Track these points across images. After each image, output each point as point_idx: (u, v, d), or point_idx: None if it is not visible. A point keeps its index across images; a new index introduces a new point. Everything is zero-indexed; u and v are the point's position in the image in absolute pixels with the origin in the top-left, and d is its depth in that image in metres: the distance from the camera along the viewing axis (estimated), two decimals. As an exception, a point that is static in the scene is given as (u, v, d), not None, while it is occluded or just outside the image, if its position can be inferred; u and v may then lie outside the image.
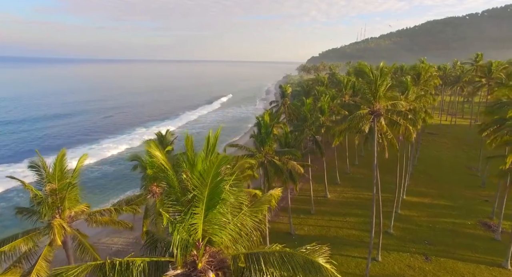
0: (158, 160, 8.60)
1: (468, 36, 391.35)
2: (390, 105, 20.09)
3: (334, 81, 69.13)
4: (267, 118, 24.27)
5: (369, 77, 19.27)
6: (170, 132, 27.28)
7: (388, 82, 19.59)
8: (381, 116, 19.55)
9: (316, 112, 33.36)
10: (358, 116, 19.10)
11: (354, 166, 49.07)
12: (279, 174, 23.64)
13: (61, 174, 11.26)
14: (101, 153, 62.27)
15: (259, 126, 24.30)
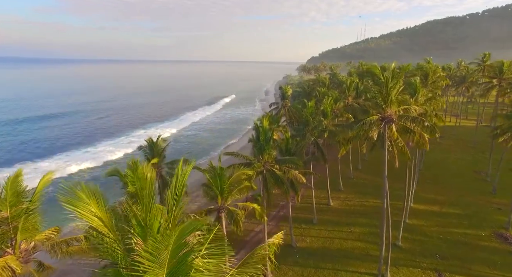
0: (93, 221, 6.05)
1: (469, 36, 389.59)
2: (402, 110, 18.15)
3: (335, 82, 67.19)
4: (266, 123, 22.31)
5: (379, 79, 17.34)
6: (162, 139, 25.29)
7: (401, 85, 17.63)
8: (392, 123, 17.61)
9: (319, 116, 31.40)
10: (367, 123, 17.15)
11: (358, 170, 47.13)
12: (279, 184, 21.66)
13: (16, 198, 9.30)
14: (96, 157, 60.14)
15: (257, 132, 22.34)
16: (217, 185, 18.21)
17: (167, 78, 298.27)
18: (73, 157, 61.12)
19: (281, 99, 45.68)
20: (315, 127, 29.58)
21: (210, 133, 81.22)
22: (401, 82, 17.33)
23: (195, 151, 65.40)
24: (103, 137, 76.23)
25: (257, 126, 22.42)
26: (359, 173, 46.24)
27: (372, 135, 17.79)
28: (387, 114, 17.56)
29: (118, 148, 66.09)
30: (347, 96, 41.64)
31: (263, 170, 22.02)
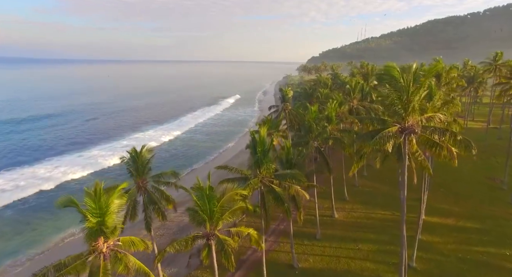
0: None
1: (470, 35, 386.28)
2: (425, 119, 15.32)
3: (338, 83, 64.31)
4: (263, 132, 19.44)
5: (398, 83, 14.51)
6: (147, 149, 22.38)
7: (425, 89, 14.78)
8: (414, 134, 14.81)
9: (322, 121, 28.52)
10: (385, 135, 14.34)
11: (363, 177, 44.20)
12: (279, 203, 18.80)
13: None
14: (90, 163, 56.98)
15: (254, 143, 19.44)
16: (205, 209, 15.35)
17: (167, 78, 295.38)
18: (64, 161, 58.18)
19: (281, 102, 42.83)
20: (319, 134, 26.72)
21: (207, 136, 78.33)
22: (425, 86, 14.50)
23: (190, 155, 62.62)
24: (98, 140, 73.35)
25: (253, 136, 19.53)
26: (365, 180, 43.33)
27: (387, 147, 14.97)
28: (407, 124, 14.78)
29: (113, 152, 63.07)
30: (352, 99, 38.76)
31: (261, 186, 19.15)
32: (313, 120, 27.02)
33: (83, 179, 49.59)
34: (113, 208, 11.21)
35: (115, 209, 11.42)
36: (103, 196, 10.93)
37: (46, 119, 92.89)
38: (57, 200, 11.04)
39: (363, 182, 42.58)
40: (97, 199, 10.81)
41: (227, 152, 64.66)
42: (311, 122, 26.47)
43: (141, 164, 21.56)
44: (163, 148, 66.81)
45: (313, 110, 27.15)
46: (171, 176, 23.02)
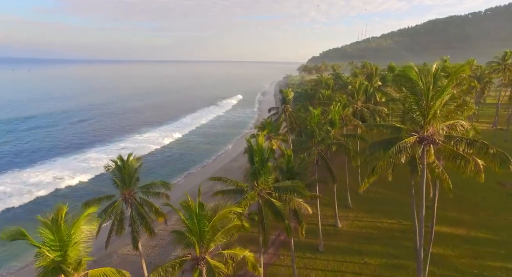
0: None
1: (471, 35, 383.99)
2: (446, 126, 13.36)
3: (339, 83, 62.35)
4: (261, 139, 17.49)
5: (417, 86, 12.59)
6: (135, 158, 20.46)
7: (449, 92, 12.77)
8: (434, 145, 12.91)
9: (326, 125, 26.55)
10: (403, 147, 12.45)
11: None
12: (279, 219, 16.86)
13: None
14: (84, 168, 54.96)
15: (251, 152, 17.49)
16: (195, 229, 13.40)
17: (166, 79, 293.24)
18: (57, 165, 56.25)
19: (281, 103, 40.88)
20: (322, 139, 24.79)
21: (204, 138, 76.35)
22: (449, 89, 12.53)
23: (187, 158, 60.69)
24: (94, 142, 71.40)
25: (249, 144, 17.57)
26: (369, 185, 41.22)
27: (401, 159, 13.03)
28: (427, 133, 12.87)
29: (109, 155, 61.04)
30: (356, 101, 36.80)
31: (258, 200, 17.21)
32: (316, 124, 25.08)
33: (74, 185, 47.53)
34: (78, 237, 9.32)
35: (83, 237, 9.53)
36: (63, 225, 8.97)
37: (40, 120, 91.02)
38: (2, 232, 9.08)
39: (367, 188, 40.40)
40: (57, 229, 8.89)
41: (225, 155, 62.75)
42: (314, 127, 24.54)
43: (127, 174, 19.65)
44: (160, 151, 64.93)
45: (316, 114, 25.22)
46: (161, 186, 21.09)
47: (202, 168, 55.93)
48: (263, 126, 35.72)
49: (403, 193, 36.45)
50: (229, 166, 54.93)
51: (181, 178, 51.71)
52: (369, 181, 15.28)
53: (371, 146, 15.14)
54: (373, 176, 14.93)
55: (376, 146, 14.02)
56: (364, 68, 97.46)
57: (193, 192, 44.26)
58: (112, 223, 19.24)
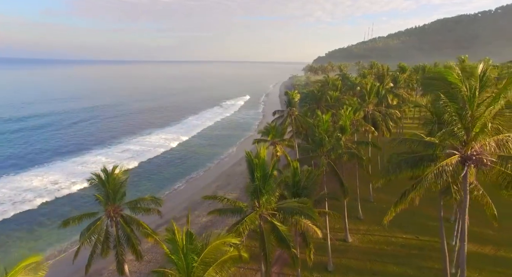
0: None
1: (481, 34, 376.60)
2: (494, 142, 10.78)
3: (348, 84, 59.60)
4: (263, 152, 15.03)
5: (459, 91, 10.05)
6: (122, 171, 18.18)
7: (505, 95, 9.99)
8: (483, 166, 10.35)
9: (336, 132, 23.99)
10: (443, 170, 9.96)
11: (378, 190, 39.29)
12: (284, 245, 14.39)
13: None
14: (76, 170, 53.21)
15: (251, 167, 15.02)
16: (181, 266, 11.01)
17: (169, 79, 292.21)
18: (55, 169, 54.48)
19: (286, 106, 38.39)
20: (332, 148, 22.26)
21: (206, 140, 74.06)
22: (506, 93, 9.87)
23: (189, 163, 58.44)
24: (94, 144, 69.66)
25: (249, 158, 15.10)
26: (380, 194, 38.43)
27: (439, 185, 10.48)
28: (471, 151, 10.37)
29: (109, 159, 59.14)
30: (367, 104, 34.14)
31: (260, 223, 14.76)
32: (325, 131, 22.56)
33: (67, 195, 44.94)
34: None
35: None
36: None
37: (38, 120, 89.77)
38: None
39: (379, 197, 37.81)
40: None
41: (229, 159, 60.43)
42: (323, 134, 22.01)
43: (112, 188, 17.33)
44: (161, 154, 62.82)
45: (325, 120, 22.69)
46: (151, 202, 18.77)
47: (204, 173, 53.72)
48: (267, 131, 33.29)
49: (420, 203, 33.70)
50: (232, 170, 52.61)
51: (182, 183, 49.54)
52: (396, 210, 12.71)
53: (396, 165, 12.62)
54: (401, 205, 12.35)
55: (403, 165, 11.52)
56: (372, 68, 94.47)
57: (193, 201, 42.04)
58: (94, 245, 16.94)
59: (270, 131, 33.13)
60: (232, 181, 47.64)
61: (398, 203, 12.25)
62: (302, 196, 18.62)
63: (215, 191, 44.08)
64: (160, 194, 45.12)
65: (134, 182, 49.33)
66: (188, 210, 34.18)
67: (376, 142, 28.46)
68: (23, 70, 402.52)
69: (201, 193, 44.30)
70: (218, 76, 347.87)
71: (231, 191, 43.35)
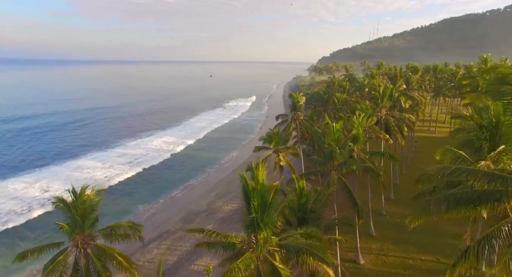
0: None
1: (490, 33, 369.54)
2: None
3: (356, 85, 56.32)
4: (261, 175, 11.93)
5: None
6: (94, 191, 15.21)
7: None
8: None
9: (347, 142, 20.80)
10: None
11: (390, 202, 36.17)
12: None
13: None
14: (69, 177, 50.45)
15: (247, 195, 11.91)
16: None
17: (170, 79, 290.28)
18: (47, 174, 51.84)
19: (291, 110, 35.29)
20: (344, 163, 19.13)
21: (206, 144, 71.02)
22: None
23: (187, 168, 55.50)
24: (91, 147, 67.08)
25: (244, 182, 12.00)
26: (393, 206, 35.24)
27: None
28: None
29: (105, 163, 56.42)
30: (380, 108, 30.89)
31: (258, 265, 11.66)
32: (336, 141, 19.42)
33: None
34: None
35: None
36: None
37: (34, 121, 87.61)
38: None
39: (392, 209, 34.55)
40: None
41: (229, 164, 57.40)
42: (333, 146, 18.88)
43: (81, 214, 14.37)
44: (159, 158, 59.99)
45: (337, 129, 19.53)
46: (130, 229, 15.78)
47: (203, 179, 50.72)
48: (270, 138, 30.21)
49: (441, 218, 30.40)
50: (233, 177, 49.41)
51: (180, 190, 46.63)
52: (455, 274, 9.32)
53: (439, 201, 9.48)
54: (462, 265, 9.01)
55: (452, 202, 8.42)
56: (380, 68, 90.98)
57: (189, 211, 38.89)
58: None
59: (272, 137, 30.05)
60: (233, 189, 44.55)
61: (457, 264, 8.82)
62: (309, 221, 15.58)
63: (213, 201, 41.13)
64: (156, 202, 42.34)
65: (128, 189, 46.67)
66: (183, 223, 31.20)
67: (393, 153, 25.14)
68: (23, 70, 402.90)
69: (198, 202, 41.39)
70: (221, 77, 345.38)
71: (231, 201, 40.34)
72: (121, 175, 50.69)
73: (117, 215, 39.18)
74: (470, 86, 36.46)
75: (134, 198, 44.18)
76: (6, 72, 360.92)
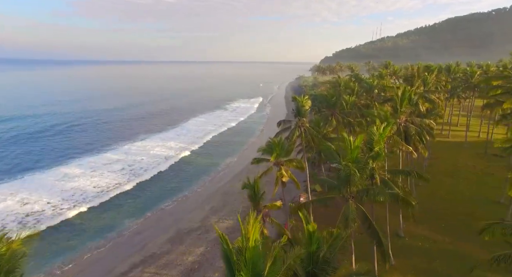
0: None
1: (495, 32, 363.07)
2: None
3: (364, 86, 51.84)
4: (253, 232, 7.55)
5: None
6: (21, 239, 10.91)
7: None
8: None
9: (368, 162, 16.34)
10: None
11: (409, 221, 31.64)
12: None
13: None
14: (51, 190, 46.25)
15: (228, 262, 7.54)
16: None
17: (169, 79, 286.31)
18: (29, 184, 47.58)
19: (294, 115, 30.91)
20: (366, 191, 14.77)
21: (203, 148, 66.62)
22: None
23: (182, 175, 51.16)
24: (81, 152, 63.04)
25: (226, 248, 7.63)
26: (413, 226, 30.62)
27: None
28: None
29: (94, 172, 52.09)
30: (400, 114, 26.45)
31: None
32: (353, 160, 15.04)
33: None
34: None
35: None
36: None
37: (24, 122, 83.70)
38: None
39: (412, 230, 30.01)
40: None
41: (227, 171, 53.08)
42: (351, 168, 14.47)
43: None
44: (152, 165, 55.77)
45: (356, 145, 15.12)
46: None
47: (198, 189, 46.31)
48: (270, 148, 25.89)
49: (470, 242, 26.02)
50: (230, 187, 45.10)
51: (171, 202, 42.33)
52: None
53: None
54: None
55: None
56: (387, 68, 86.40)
57: (179, 230, 34.30)
58: None
59: (273, 148, 25.70)
60: (229, 201, 40.29)
61: None
62: (320, 275, 11.27)
63: (207, 216, 36.77)
64: (144, 216, 38.11)
65: (116, 200, 42.51)
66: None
67: (421, 172, 20.53)
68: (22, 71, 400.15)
69: (191, 217, 37.04)
70: (222, 77, 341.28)
71: (227, 217, 35.99)
72: (111, 189, 45.60)
73: (100, 231, 35.06)
74: (502, 87, 31.97)
75: (121, 211, 39.98)
76: (6, 72, 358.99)
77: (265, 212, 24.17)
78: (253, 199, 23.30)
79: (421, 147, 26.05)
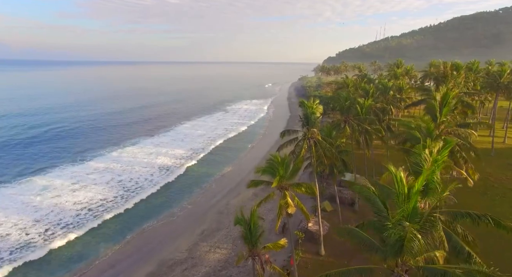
0: None
1: (503, 32, 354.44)
2: None
3: (379, 88, 45.72)
4: None
5: None
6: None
7: None
8: None
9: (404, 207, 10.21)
10: None
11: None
12: None
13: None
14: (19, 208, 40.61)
15: None
16: None
17: (173, 80, 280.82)
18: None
19: (302, 125, 24.84)
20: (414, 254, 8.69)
21: (198, 154, 60.62)
22: None
23: (174, 188, 45.21)
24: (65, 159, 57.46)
25: None
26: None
27: None
28: None
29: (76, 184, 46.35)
30: (439, 124, 20.34)
31: None
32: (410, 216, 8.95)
33: None
34: None
35: None
36: None
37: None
38: None
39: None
40: None
41: (224, 183, 47.03)
42: (409, 230, 8.35)
43: None
44: (139, 175, 49.94)
45: (414, 193, 8.96)
46: None
47: (188, 206, 40.21)
48: (272, 169, 20.00)
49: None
50: (225, 205, 39.08)
51: (157, 221, 36.47)
52: None
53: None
54: None
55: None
56: (399, 67, 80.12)
57: (162, 261, 27.24)
58: None
59: (276, 170, 19.83)
60: (225, 222, 34.21)
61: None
62: None
63: (197, 243, 30.67)
64: (123, 240, 32.27)
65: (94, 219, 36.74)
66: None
67: (498, 218, 13.85)
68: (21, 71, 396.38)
69: (177, 244, 31.01)
70: (228, 77, 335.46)
71: (219, 244, 29.93)
72: (94, 207, 39.75)
73: (67, 262, 29.22)
74: None
75: (98, 233, 34.18)
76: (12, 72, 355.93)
77: (265, 257, 18.17)
78: (248, 240, 17.41)
79: (469, 167, 20.00)
